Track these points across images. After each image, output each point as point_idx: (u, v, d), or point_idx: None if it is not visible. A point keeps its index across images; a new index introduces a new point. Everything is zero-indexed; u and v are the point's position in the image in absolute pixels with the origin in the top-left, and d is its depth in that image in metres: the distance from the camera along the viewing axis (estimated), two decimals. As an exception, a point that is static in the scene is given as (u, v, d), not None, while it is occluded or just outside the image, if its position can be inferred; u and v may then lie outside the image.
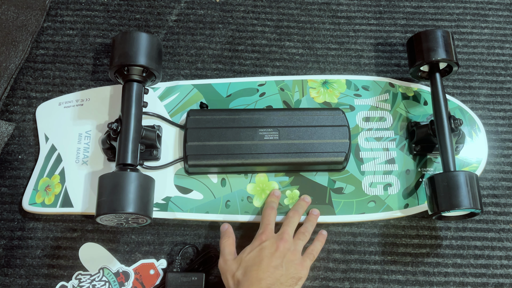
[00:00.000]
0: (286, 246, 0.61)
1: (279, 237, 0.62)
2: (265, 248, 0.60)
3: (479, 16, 0.84)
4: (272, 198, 0.68)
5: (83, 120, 0.73)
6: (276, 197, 0.68)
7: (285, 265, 0.59)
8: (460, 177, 0.62)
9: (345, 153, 0.68)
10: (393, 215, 0.70)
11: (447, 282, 0.68)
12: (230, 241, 0.64)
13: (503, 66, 0.81)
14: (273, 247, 0.60)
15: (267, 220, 0.65)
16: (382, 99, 0.76)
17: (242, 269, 0.59)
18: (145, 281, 0.67)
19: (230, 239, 0.64)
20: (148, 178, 0.64)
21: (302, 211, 0.67)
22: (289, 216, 0.66)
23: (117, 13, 0.83)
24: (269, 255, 0.59)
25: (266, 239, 0.61)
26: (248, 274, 0.58)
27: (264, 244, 0.61)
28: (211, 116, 0.70)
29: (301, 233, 0.64)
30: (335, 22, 0.83)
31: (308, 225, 0.66)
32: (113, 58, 0.68)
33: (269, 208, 0.66)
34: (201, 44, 0.81)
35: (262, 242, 0.61)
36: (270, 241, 0.61)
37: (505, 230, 0.71)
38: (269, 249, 0.60)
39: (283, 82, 0.77)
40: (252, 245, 0.62)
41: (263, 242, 0.61)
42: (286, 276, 0.59)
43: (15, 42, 0.78)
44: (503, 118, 0.77)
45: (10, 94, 0.76)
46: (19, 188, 0.71)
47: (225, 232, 0.65)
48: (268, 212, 0.66)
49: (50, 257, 0.68)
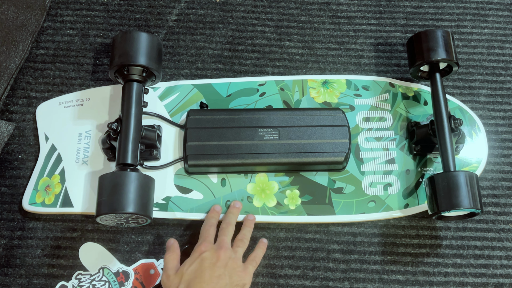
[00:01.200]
0: (226, 254, 0.60)
1: (218, 246, 0.61)
2: (206, 259, 0.59)
3: (479, 16, 0.84)
4: (213, 214, 0.67)
5: (83, 120, 0.73)
6: (216, 213, 0.67)
7: (228, 273, 0.58)
8: (460, 177, 0.62)
9: (345, 153, 0.68)
10: (393, 215, 0.70)
11: (447, 282, 0.68)
12: (174, 255, 0.62)
13: (503, 66, 0.81)
14: (214, 257, 0.59)
15: (206, 234, 0.63)
16: (382, 99, 0.76)
17: (184, 283, 0.57)
18: (145, 281, 0.67)
19: (174, 254, 0.62)
20: (148, 178, 0.64)
21: (234, 221, 0.66)
22: (223, 227, 0.64)
23: (117, 13, 0.83)
24: (210, 265, 0.58)
25: (206, 250, 0.60)
26: (192, 287, 0.57)
27: (204, 255, 0.59)
28: (211, 116, 0.70)
29: (239, 240, 0.64)
30: (335, 22, 0.83)
31: (245, 231, 0.65)
32: (113, 58, 0.68)
33: (208, 224, 0.65)
34: (201, 44, 0.81)
35: (202, 253, 0.60)
36: (209, 252, 0.60)
37: (505, 230, 0.71)
38: (210, 259, 0.59)
39: (283, 82, 0.77)
40: (192, 257, 0.60)
41: (202, 253, 0.60)
42: (230, 285, 0.58)
43: (15, 42, 0.78)
44: (503, 118, 0.77)
45: (10, 94, 0.76)
46: (19, 188, 0.71)
47: (170, 247, 0.63)
48: (206, 228, 0.64)
49: (50, 256, 0.68)
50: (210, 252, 0.60)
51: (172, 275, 0.59)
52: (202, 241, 0.62)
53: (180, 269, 0.59)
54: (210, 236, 0.63)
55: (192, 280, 0.57)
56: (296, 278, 0.68)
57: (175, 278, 0.59)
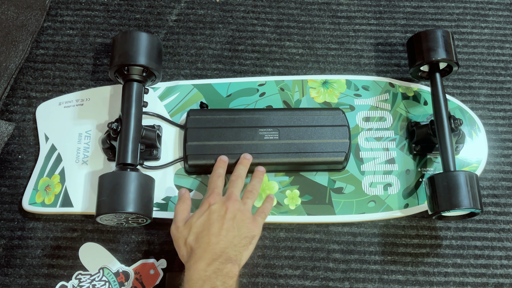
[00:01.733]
0: (235, 206, 0.59)
1: (227, 198, 0.60)
2: (214, 211, 0.59)
3: (479, 16, 0.84)
4: (220, 164, 0.66)
5: (83, 120, 0.73)
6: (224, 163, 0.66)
7: (236, 225, 0.58)
8: (460, 177, 0.62)
9: (345, 153, 0.68)
10: (393, 215, 0.70)
11: (447, 282, 0.68)
12: (185, 206, 0.62)
13: (503, 66, 0.81)
14: (222, 209, 0.59)
15: (214, 185, 0.63)
16: (382, 99, 0.76)
17: (193, 235, 0.57)
18: (145, 281, 0.67)
19: (185, 204, 0.62)
20: (148, 178, 0.64)
21: (244, 173, 0.65)
22: (232, 179, 0.64)
23: (117, 13, 0.83)
24: (219, 218, 0.58)
25: (214, 202, 0.60)
26: (200, 240, 0.57)
27: (213, 207, 0.59)
28: (211, 116, 0.70)
29: (249, 192, 0.63)
30: (335, 22, 0.83)
31: (255, 181, 0.65)
32: (113, 58, 0.68)
33: (216, 175, 0.64)
34: (201, 44, 0.81)
35: (210, 205, 0.59)
36: (218, 204, 0.59)
37: (505, 230, 0.71)
38: (218, 211, 0.58)
39: (283, 82, 0.77)
40: (201, 209, 0.60)
41: (211, 205, 0.59)
42: (239, 237, 0.58)
43: (15, 42, 0.78)
44: (503, 118, 0.77)
45: (10, 94, 0.76)
46: (19, 188, 0.71)
47: (181, 197, 0.63)
48: (214, 179, 0.63)
49: (50, 257, 0.68)
50: (219, 204, 0.60)
51: (181, 227, 0.59)
52: (211, 193, 0.61)
53: (189, 221, 0.59)
54: (218, 188, 0.62)
55: (201, 232, 0.57)
56: (296, 278, 0.68)
57: (184, 230, 0.58)
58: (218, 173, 0.65)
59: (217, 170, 0.65)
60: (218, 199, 0.60)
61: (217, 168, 0.65)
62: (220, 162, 0.66)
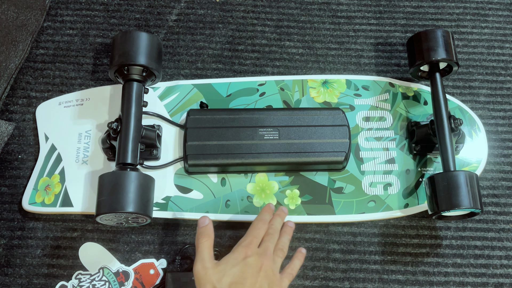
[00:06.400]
0: (269, 264, 0.57)
1: (263, 252, 0.58)
2: (250, 265, 0.56)
3: (479, 16, 0.84)
4: (268, 210, 0.64)
5: (83, 120, 0.73)
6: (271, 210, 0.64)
7: (268, 285, 0.56)
8: (460, 177, 0.62)
9: (345, 152, 0.68)
10: (393, 215, 0.70)
11: (447, 282, 0.68)
12: (210, 242, 0.58)
13: (503, 66, 0.81)
14: (258, 265, 0.56)
15: (256, 233, 0.60)
16: (382, 99, 0.76)
17: (225, 284, 0.54)
18: (145, 281, 0.67)
19: (210, 240, 0.59)
20: (148, 178, 0.64)
21: (280, 226, 0.63)
22: (270, 233, 0.61)
23: (117, 12, 0.83)
24: (254, 273, 0.56)
25: (251, 255, 0.57)
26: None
27: (249, 260, 0.56)
28: (211, 116, 0.70)
29: (280, 250, 0.61)
30: (335, 22, 0.83)
31: (285, 239, 0.62)
32: (113, 57, 0.68)
33: (262, 221, 0.62)
34: (201, 44, 0.81)
35: (247, 257, 0.57)
36: (254, 258, 0.57)
37: (505, 230, 0.71)
38: (254, 267, 0.56)
39: (283, 82, 0.77)
40: (236, 257, 0.57)
41: (248, 257, 0.57)
42: None
43: (15, 41, 0.78)
44: (503, 118, 0.77)
45: (10, 94, 0.76)
46: (19, 187, 0.71)
47: (205, 229, 0.59)
48: (260, 225, 0.61)
49: (50, 256, 0.68)
50: (255, 258, 0.57)
51: (211, 269, 0.56)
52: (249, 243, 0.58)
53: (221, 267, 0.56)
54: (258, 238, 0.60)
55: (234, 283, 0.54)
56: (296, 278, 0.68)
57: (215, 274, 0.55)
58: (264, 219, 0.62)
59: (263, 215, 0.63)
60: (255, 252, 0.58)
61: (264, 213, 0.63)
62: (269, 209, 0.64)
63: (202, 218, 0.61)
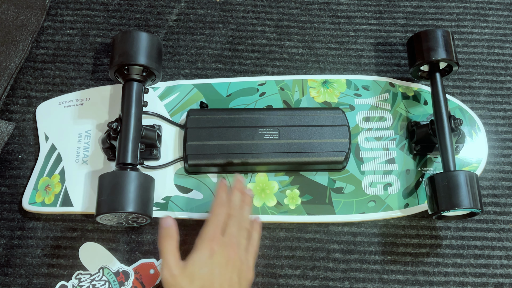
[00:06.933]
0: (236, 254, 0.55)
1: (228, 243, 0.55)
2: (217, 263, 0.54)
3: (479, 16, 0.84)
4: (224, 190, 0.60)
5: (83, 120, 0.73)
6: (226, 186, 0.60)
7: (237, 276, 0.55)
8: (460, 177, 0.62)
9: (345, 152, 0.68)
10: (393, 215, 0.70)
11: (447, 282, 0.68)
12: (173, 244, 0.54)
13: (503, 66, 0.81)
14: (225, 260, 0.54)
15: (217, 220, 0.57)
16: (382, 99, 0.76)
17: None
18: (145, 280, 0.67)
19: (173, 241, 0.55)
20: (148, 178, 0.64)
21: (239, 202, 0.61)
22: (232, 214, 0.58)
23: (117, 12, 0.83)
24: (222, 271, 0.53)
25: (217, 249, 0.54)
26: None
27: (216, 257, 0.54)
28: (211, 116, 0.70)
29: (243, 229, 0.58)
30: (335, 22, 0.83)
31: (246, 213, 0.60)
32: (113, 57, 0.68)
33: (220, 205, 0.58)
34: (201, 43, 0.81)
35: (213, 253, 0.54)
36: (220, 252, 0.54)
37: (505, 230, 0.71)
38: (222, 263, 0.54)
39: (283, 82, 0.77)
40: (202, 256, 0.54)
41: (214, 253, 0.54)
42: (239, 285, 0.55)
43: (15, 41, 0.78)
44: (503, 118, 0.77)
45: (10, 94, 0.76)
46: (19, 187, 0.71)
47: (168, 230, 0.55)
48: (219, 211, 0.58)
49: (50, 256, 0.68)
50: (221, 253, 0.54)
51: (179, 276, 0.52)
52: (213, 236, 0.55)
53: (189, 270, 0.53)
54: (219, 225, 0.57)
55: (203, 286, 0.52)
56: (296, 278, 0.68)
57: (183, 280, 0.52)
58: (222, 202, 0.59)
59: (220, 197, 0.59)
60: (220, 243, 0.55)
61: (220, 194, 0.60)
62: (223, 186, 0.61)
63: (165, 218, 0.57)
